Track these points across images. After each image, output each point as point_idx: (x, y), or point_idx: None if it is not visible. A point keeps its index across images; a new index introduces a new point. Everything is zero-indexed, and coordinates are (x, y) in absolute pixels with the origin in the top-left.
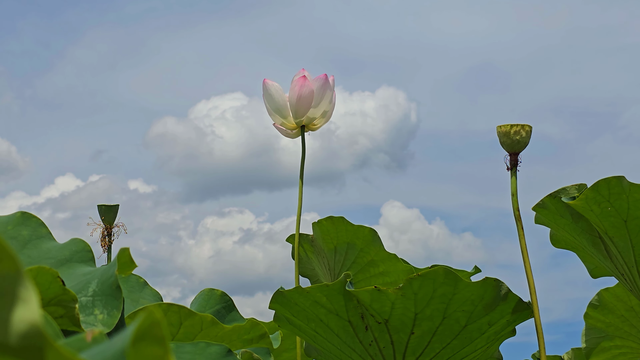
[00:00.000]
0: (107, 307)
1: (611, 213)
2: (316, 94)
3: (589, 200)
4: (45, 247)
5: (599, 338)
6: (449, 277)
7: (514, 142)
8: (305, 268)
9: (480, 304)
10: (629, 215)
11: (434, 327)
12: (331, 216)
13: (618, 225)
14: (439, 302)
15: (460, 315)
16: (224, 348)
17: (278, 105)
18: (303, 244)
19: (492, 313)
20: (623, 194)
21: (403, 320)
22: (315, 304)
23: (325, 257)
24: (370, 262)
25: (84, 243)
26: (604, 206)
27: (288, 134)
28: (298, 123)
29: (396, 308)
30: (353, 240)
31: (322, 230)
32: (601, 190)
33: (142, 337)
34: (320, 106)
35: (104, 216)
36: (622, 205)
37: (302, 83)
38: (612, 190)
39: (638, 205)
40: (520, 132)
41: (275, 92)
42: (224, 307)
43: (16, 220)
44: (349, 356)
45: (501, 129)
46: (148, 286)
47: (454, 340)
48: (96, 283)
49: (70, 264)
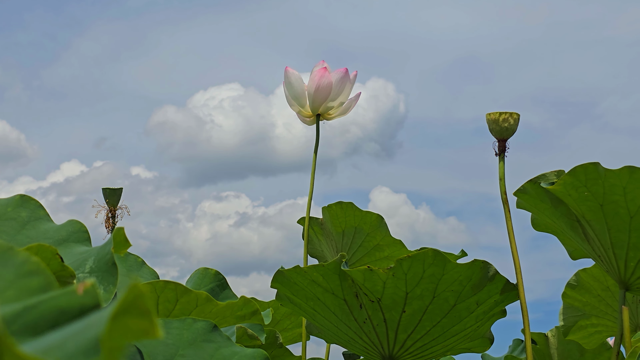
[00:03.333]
0: (103, 282)
1: (588, 197)
2: (334, 86)
3: (567, 185)
4: (43, 227)
5: (576, 317)
6: (437, 259)
7: (502, 129)
8: (314, 249)
9: (468, 284)
10: (604, 200)
11: (424, 306)
12: (341, 201)
13: (595, 209)
14: (428, 282)
15: (449, 294)
16: (210, 324)
17: (296, 94)
18: (313, 227)
19: (479, 293)
20: (599, 179)
21: (395, 299)
22: (313, 283)
23: (333, 239)
24: (377, 246)
25: (80, 224)
26: (581, 191)
27: (304, 121)
28: (314, 112)
29: (388, 287)
30: (360, 225)
31: (331, 215)
32: (578, 175)
33: (125, 312)
34: (338, 98)
35: (109, 199)
36: (598, 190)
37: (321, 74)
38: (589, 176)
39: (613, 190)
40: (509, 120)
41: (295, 80)
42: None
43: (15, 203)
44: (345, 333)
45: (490, 117)
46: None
47: (443, 318)
48: (93, 260)
49: (67, 243)
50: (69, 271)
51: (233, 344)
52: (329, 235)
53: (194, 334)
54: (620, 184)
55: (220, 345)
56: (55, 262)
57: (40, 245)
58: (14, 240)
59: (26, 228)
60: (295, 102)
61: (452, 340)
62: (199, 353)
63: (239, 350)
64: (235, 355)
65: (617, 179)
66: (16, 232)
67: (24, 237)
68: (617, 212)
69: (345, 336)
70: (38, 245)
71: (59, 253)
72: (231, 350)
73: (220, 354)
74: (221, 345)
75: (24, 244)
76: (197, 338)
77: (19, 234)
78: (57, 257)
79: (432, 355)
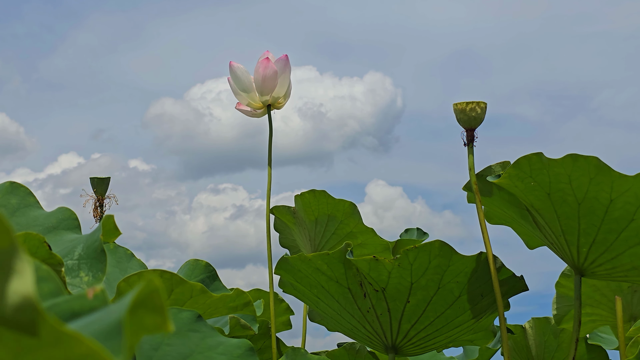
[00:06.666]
0: (92, 269)
1: (535, 187)
2: (279, 74)
3: (512, 177)
4: (33, 215)
5: (569, 306)
6: (443, 250)
7: (470, 119)
8: (286, 239)
9: (473, 276)
10: (551, 188)
11: (428, 297)
12: (313, 189)
13: (542, 198)
14: (433, 273)
15: (454, 286)
16: (195, 314)
17: (245, 87)
18: (285, 215)
19: (484, 285)
20: (544, 169)
21: (399, 288)
22: (317, 271)
23: (306, 228)
24: (350, 233)
25: (70, 211)
26: (527, 182)
27: (254, 114)
28: (264, 102)
29: (393, 277)
30: (334, 212)
31: (304, 203)
32: (522, 167)
33: (140, 305)
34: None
35: (96, 188)
36: (544, 179)
37: (265, 65)
38: (533, 166)
39: (559, 179)
40: (476, 109)
41: (241, 74)
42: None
43: (5, 190)
44: (348, 322)
45: (457, 107)
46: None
47: (447, 309)
48: (82, 247)
49: (57, 231)
50: (57, 259)
51: (218, 334)
52: (301, 223)
53: (179, 323)
54: (565, 172)
55: (206, 335)
56: (43, 250)
57: (28, 234)
58: None
59: (16, 215)
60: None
61: (455, 331)
62: (185, 342)
63: (224, 340)
64: (221, 345)
65: (562, 168)
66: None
67: (13, 224)
68: (565, 199)
69: (349, 324)
70: (25, 233)
71: (46, 241)
72: (216, 340)
73: (205, 343)
74: (206, 335)
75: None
76: (182, 327)
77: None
78: (45, 245)
79: (435, 346)
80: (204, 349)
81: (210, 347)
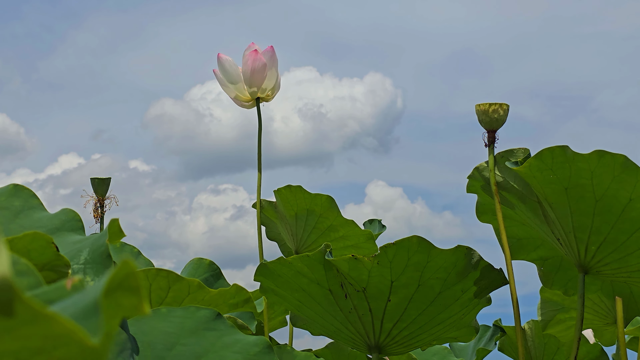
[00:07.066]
0: (98, 274)
1: (553, 180)
2: (268, 66)
3: (532, 167)
4: (37, 216)
5: (555, 311)
6: (422, 245)
7: (492, 120)
8: (272, 232)
9: (453, 271)
10: (570, 183)
11: (409, 295)
12: (289, 185)
13: (559, 192)
14: (413, 270)
15: (434, 282)
16: (213, 312)
17: (233, 79)
18: (268, 210)
19: (464, 280)
20: (566, 162)
21: (380, 288)
22: (298, 274)
23: (287, 222)
24: (330, 227)
25: (73, 212)
26: (547, 174)
27: (243, 105)
28: (252, 95)
29: (373, 276)
30: (312, 207)
31: (282, 198)
32: (545, 159)
33: (117, 287)
34: (272, 77)
35: (97, 189)
36: (565, 173)
37: (254, 57)
38: (556, 159)
39: (580, 174)
40: (498, 111)
41: (229, 66)
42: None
43: (9, 192)
44: (331, 324)
45: (480, 107)
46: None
47: (429, 306)
48: (87, 252)
49: (60, 232)
50: (63, 260)
51: (236, 332)
52: (283, 218)
53: (196, 322)
54: (588, 168)
55: (223, 333)
56: (50, 251)
57: (35, 234)
58: (7, 230)
59: (19, 217)
60: (232, 87)
61: (438, 328)
62: (200, 342)
63: (241, 337)
64: (238, 343)
65: (586, 163)
66: (9, 222)
67: (17, 226)
68: (583, 195)
69: (332, 327)
70: (33, 233)
71: (54, 242)
72: (233, 338)
73: (222, 342)
74: (224, 333)
75: (17, 233)
76: (199, 327)
77: (12, 223)
78: (52, 245)
79: (419, 344)
80: (219, 347)
81: (226, 346)
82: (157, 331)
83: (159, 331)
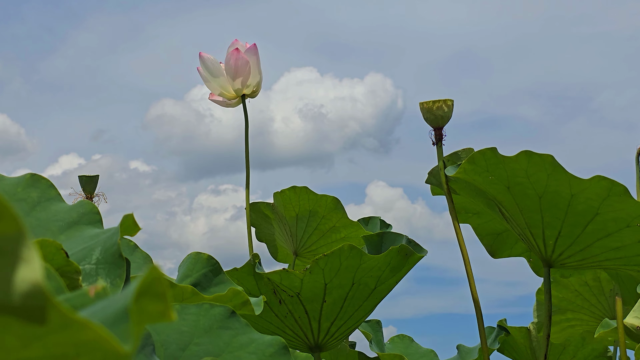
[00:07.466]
0: (110, 275)
1: (494, 181)
2: (251, 63)
3: (468, 172)
4: (54, 208)
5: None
6: (353, 252)
7: (437, 117)
8: (262, 233)
9: (387, 268)
10: (510, 182)
11: (344, 294)
12: (294, 186)
13: (503, 192)
14: (346, 272)
15: (369, 280)
16: (227, 309)
17: (216, 78)
18: (264, 211)
19: (399, 274)
20: (500, 163)
21: (314, 291)
22: None
23: (286, 224)
24: (333, 228)
25: (91, 205)
26: (485, 176)
27: (228, 104)
28: (238, 93)
29: (306, 282)
30: (315, 208)
31: (284, 199)
32: (478, 162)
33: (144, 293)
34: (255, 74)
35: (85, 186)
36: (502, 173)
37: (236, 56)
38: (489, 161)
39: (516, 173)
40: (443, 107)
41: (212, 65)
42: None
43: (25, 182)
44: (266, 329)
45: (424, 105)
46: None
47: (365, 302)
48: (99, 251)
49: (77, 226)
50: (73, 267)
51: (252, 330)
52: (281, 220)
53: (210, 320)
54: (521, 168)
55: (238, 332)
56: (60, 257)
57: (44, 241)
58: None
59: (36, 209)
60: (216, 85)
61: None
62: (215, 341)
63: (257, 337)
64: (253, 342)
65: (517, 164)
66: (26, 214)
67: (33, 219)
68: (525, 193)
69: (267, 332)
70: (41, 240)
71: (63, 248)
72: (249, 338)
73: (237, 341)
74: (239, 332)
75: (34, 226)
76: (213, 325)
77: (28, 215)
78: (62, 252)
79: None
80: (234, 348)
81: (241, 346)
82: (170, 330)
83: (172, 329)
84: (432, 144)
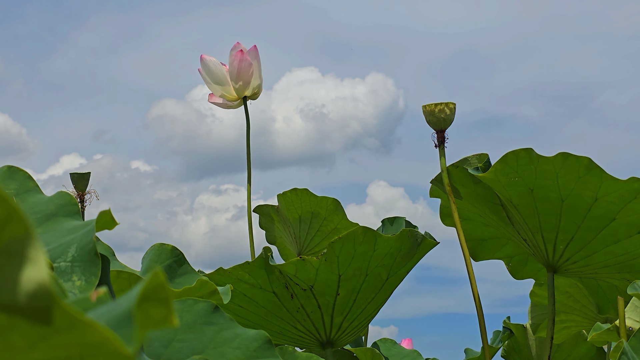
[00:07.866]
0: (85, 273)
1: (518, 183)
2: (254, 65)
3: (497, 172)
4: (32, 200)
5: (544, 314)
6: (367, 235)
7: (439, 120)
8: (271, 235)
9: (398, 255)
10: (535, 185)
11: (358, 286)
12: (295, 188)
13: (524, 194)
14: (360, 261)
15: (381, 269)
16: (211, 305)
17: (219, 79)
18: (270, 213)
19: (410, 262)
20: (531, 164)
21: (328, 283)
22: (238, 281)
23: (290, 225)
24: (334, 229)
25: (69, 196)
26: (512, 177)
27: (229, 106)
28: (240, 95)
29: (320, 273)
30: (317, 209)
31: (286, 202)
32: (509, 162)
33: (147, 299)
34: (257, 76)
35: (76, 184)
36: (530, 175)
37: (240, 58)
38: (520, 162)
39: (545, 175)
40: (445, 110)
41: (214, 67)
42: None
43: (3, 174)
44: (277, 325)
45: (426, 108)
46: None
47: (377, 294)
48: (75, 248)
49: (56, 218)
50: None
51: (236, 325)
52: (285, 221)
53: (194, 316)
54: (553, 170)
55: (222, 327)
56: None
57: None
58: None
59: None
60: (218, 87)
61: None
62: (199, 337)
63: (241, 332)
64: (237, 337)
65: (550, 165)
66: None
67: None
68: (547, 196)
69: (278, 328)
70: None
71: None
72: (233, 332)
73: (221, 336)
74: (223, 327)
75: None
76: (197, 321)
77: None
78: None
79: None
80: (218, 343)
81: (225, 341)
82: None
83: None
84: (435, 147)
